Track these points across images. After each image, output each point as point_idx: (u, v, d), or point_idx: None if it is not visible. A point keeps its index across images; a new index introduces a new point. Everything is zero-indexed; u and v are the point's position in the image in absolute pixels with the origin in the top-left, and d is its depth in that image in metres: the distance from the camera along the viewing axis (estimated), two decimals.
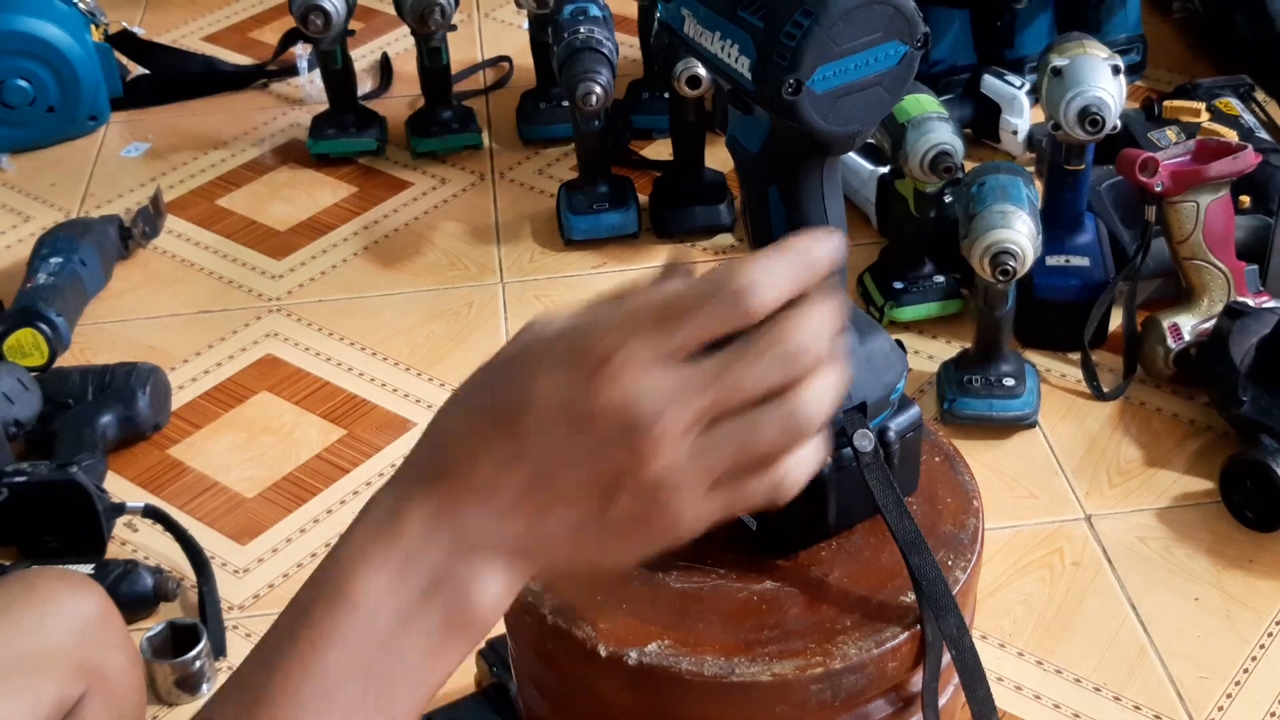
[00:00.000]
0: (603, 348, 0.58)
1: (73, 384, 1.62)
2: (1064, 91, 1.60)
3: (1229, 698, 1.33)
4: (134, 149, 2.18)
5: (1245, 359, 1.51)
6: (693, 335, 0.58)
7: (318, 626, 0.59)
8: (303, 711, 0.58)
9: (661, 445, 0.58)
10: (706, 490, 0.60)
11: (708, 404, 0.58)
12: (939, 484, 0.86)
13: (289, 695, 0.58)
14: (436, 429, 0.62)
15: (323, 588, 0.59)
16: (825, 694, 0.75)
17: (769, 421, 0.59)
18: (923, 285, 1.74)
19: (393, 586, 0.59)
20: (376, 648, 0.59)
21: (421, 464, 0.61)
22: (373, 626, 0.58)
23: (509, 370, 0.61)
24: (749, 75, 0.67)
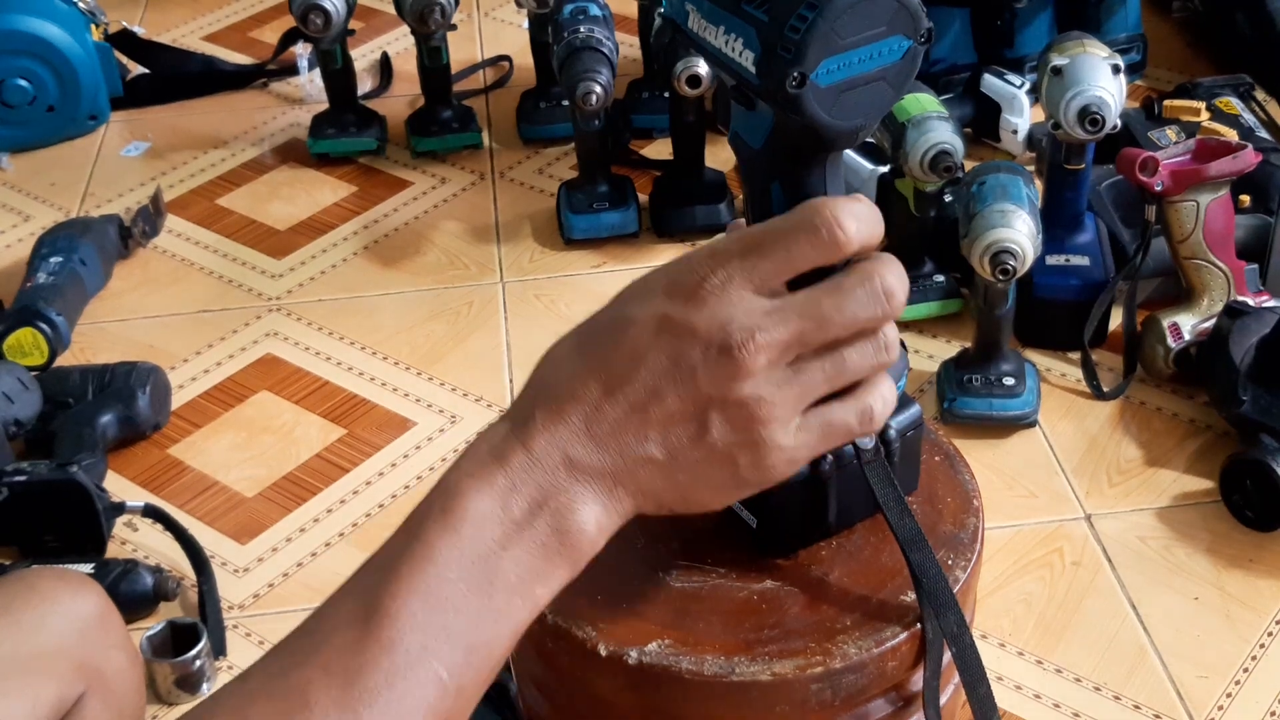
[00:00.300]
0: (697, 275, 0.62)
1: (73, 383, 1.62)
2: (1064, 91, 1.60)
3: (1229, 697, 1.33)
4: (134, 148, 2.18)
5: (1245, 358, 1.51)
6: (784, 264, 0.63)
7: (428, 540, 0.62)
8: (412, 617, 0.61)
9: (754, 365, 0.62)
10: (798, 423, 0.64)
11: (798, 331, 0.63)
12: (939, 483, 0.86)
13: (400, 600, 0.61)
14: (542, 367, 0.66)
15: (432, 506, 0.63)
16: (825, 693, 0.75)
17: (857, 354, 0.64)
18: (923, 284, 1.74)
19: (497, 506, 0.62)
20: (482, 561, 0.62)
21: (527, 400, 0.65)
22: (479, 540, 0.62)
23: (610, 309, 0.65)
24: (753, 69, 0.67)
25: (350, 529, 1.53)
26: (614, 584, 0.79)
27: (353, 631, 0.61)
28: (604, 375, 0.63)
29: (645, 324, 0.63)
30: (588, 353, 0.64)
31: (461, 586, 0.62)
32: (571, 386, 0.64)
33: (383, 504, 1.56)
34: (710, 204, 1.91)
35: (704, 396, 0.62)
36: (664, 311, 0.63)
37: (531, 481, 0.63)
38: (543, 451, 0.63)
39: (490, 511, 0.62)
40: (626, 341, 0.63)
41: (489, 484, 0.63)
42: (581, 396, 0.63)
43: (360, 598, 0.62)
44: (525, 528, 0.63)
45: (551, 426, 0.63)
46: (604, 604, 0.78)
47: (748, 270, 0.62)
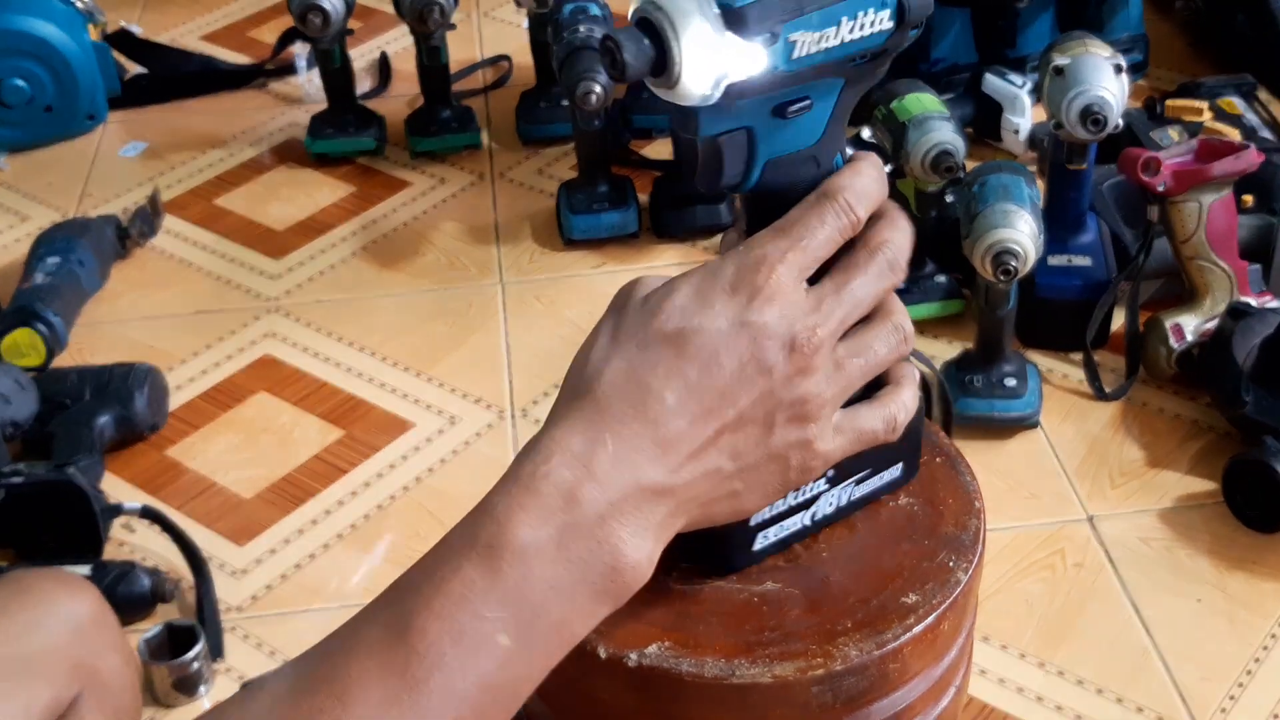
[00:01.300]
0: (759, 275, 0.63)
1: (70, 384, 1.62)
2: (1066, 91, 1.59)
3: (1232, 699, 1.32)
4: (132, 148, 2.18)
5: (1248, 359, 1.51)
6: (818, 255, 0.64)
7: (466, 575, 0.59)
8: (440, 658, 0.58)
9: (818, 361, 0.63)
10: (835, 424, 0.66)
11: (842, 318, 0.64)
12: (940, 484, 0.85)
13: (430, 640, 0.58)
14: (592, 374, 0.63)
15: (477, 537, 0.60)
16: (826, 696, 0.75)
17: (882, 345, 0.66)
18: (924, 285, 1.74)
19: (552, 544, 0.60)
20: (525, 602, 0.59)
21: (588, 421, 0.62)
22: (526, 581, 0.59)
23: (662, 310, 0.63)
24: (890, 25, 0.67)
25: (349, 530, 1.52)
26: None
27: (379, 664, 0.59)
28: (681, 389, 0.62)
29: (721, 331, 0.62)
30: (658, 367, 0.62)
31: (498, 626, 0.59)
32: (647, 404, 0.62)
33: (381, 505, 1.55)
34: (710, 204, 1.90)
35: (775, 397, 0.63)
36: (739, 316, 0.62)
37: (594, 515, 0.60)
38: (613, 481, 0.61)
39: (542, 550, 0.60)
40: (704, 350, 0.62)
41: (543, 517, 0.60)
42: (658, 416, 0.62)
43: (389, 629, 0.60)
44: (578, 567, 0.60)
45: (626, 453, 0.61)
46: None
47: (792, 265, 0.63)
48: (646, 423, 0.61)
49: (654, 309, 0.64)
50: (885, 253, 0.66)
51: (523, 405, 1.67)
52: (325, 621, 1.42)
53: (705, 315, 0.63)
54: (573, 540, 0.60)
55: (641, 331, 0.64)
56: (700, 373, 0.62)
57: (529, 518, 0.60)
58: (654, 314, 0.64)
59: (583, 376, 0.64)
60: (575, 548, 0.60)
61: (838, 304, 0.65)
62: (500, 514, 0.60)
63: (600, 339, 0.65)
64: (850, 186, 0.65)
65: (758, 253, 0.64)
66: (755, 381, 0.63)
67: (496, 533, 0.60)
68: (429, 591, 0.60)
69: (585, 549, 0.60)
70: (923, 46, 2.08)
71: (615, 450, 0.61)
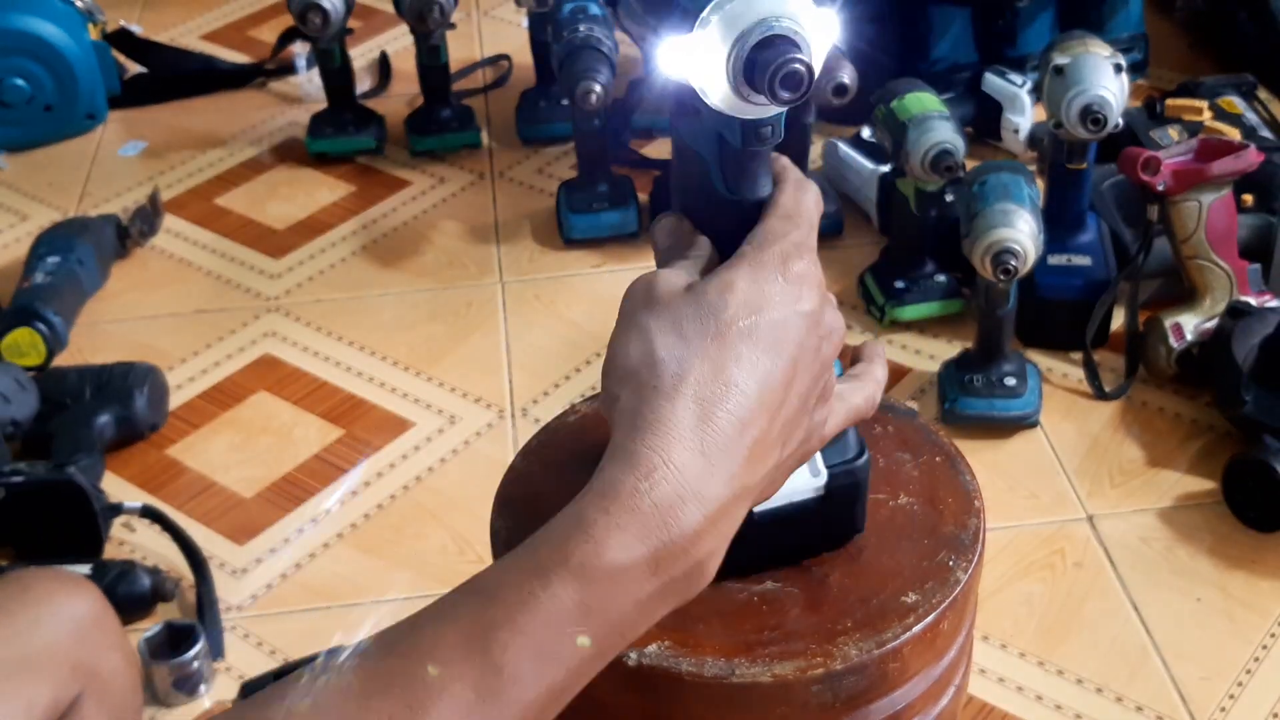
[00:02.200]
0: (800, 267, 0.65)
1: (70, 384, 1.62)
2: (1066, 90, 1.59)
3: (1231, 699, 1.32)
4: (131, 148, 2.18)
5: (1248, 359, 1.51)
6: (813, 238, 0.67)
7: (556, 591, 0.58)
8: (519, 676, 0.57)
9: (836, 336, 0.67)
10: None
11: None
12: (940, 484, 0.85)
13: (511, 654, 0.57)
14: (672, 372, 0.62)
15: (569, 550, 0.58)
16: (826, 695, 0.75)
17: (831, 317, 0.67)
18: (924, 284, 1.74)
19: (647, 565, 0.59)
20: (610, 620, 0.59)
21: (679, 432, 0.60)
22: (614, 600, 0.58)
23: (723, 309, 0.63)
24: None
25: (349, 530, 1.52)
26: None
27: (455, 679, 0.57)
28: (762, 382, 0.62)
29: (784, 321, 0.63)
30: (745, 362, 0.62)
31: (579, 642, 0.59)
32: (740, 405, 0.61)
33: (382, 505, 1.55)
34: None
35: (817, 380, 0.66)
36: (794, 305, 0.64)
37: (691, 532, 0.59)
38: (713, 494, 0.60)
39: (637, 569, 0.59)
40: (776, 341, 0.63)
41: (643, 538, 0.58)
42: (749, 415, 0.61)
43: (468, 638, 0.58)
44: (666, 583, 0.60)
45: (725, 461, 0.60)
46: None
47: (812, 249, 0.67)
48: (742, 425, 0.61)
49: (719, 303, 0.63)
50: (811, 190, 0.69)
51: (523, 404, 1.67)
52: (326, 620, 1.42)
53: (769, 307, 0.63)
54: (666, 559, 0.59)
55: (713, 325, 0.63)
56: (773, 364, 0.63)
57: (627, 539, 0.58)
58: (722, 308, 0.63)
59: (659, 377, 0.62)
60: (667, 566, 0.59)
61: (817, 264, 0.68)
62: (597, 532, 0.58)
63: (660, 335, 0.63)
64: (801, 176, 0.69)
65: (790, 241, 0.65)
66: (811, 367, 0.65)
67: (592, 552, 0.58)
68: (514, 604, 0.58)
69: (677, 567, 0.60)
70: (923, 46, 2.08)
71: (716, 460, 0.60)
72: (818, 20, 0.62)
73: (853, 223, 1.90)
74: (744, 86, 0.62)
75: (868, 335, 1.74)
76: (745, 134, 0.65)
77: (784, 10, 0.61)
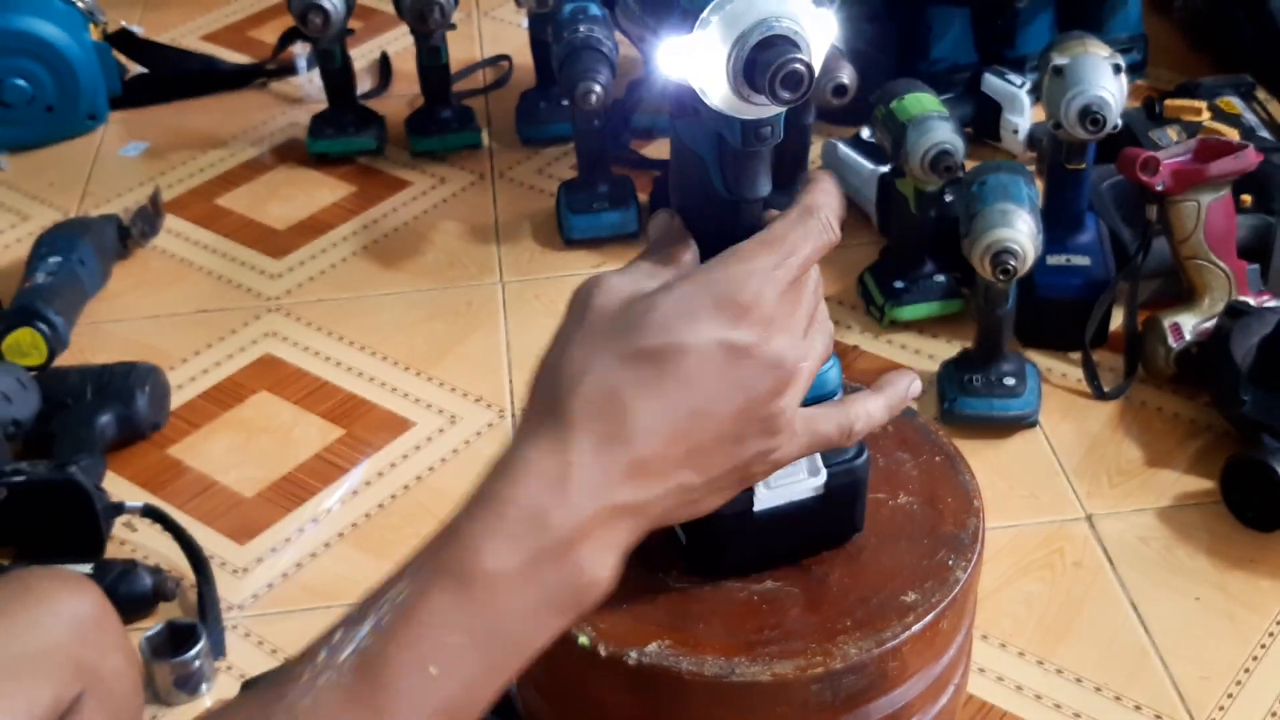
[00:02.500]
0: (747, 293, 0.62)
1: (71, 383, 1.62)
2: (1065, 90, 1.59)
3: (1230, 698, 1.32)
4: (132, 148, 2.18)
5: (1247, 359, 1.51)
6: (804, 269, 0.65)
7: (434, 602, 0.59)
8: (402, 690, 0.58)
9: (803, 378, 0.64)
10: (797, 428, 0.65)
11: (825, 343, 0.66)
12: (939, 484, 0.86)
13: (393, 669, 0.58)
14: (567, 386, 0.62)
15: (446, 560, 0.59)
16: (825, 694, 0.75)
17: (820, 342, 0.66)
18: (923, 285, 1.74)
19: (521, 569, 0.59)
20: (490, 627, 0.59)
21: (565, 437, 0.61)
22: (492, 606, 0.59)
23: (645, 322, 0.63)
24: None
25: (350, 529, 1.52)
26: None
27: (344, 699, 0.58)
28: (659, 410, 0.61)
29: (705, 351, 0.62)
30: (641, 385, 0.62)
31: (464, 651, 0.59)
32: (624, 424, 0.61)
33: (382, 504, 1.55)
34: None
35: (749, 414, 0.63)
36: (724, 337, 0.62)
37: (562, 539, 0.60)
38: (583, 504, 0.60)
39: (510, 575, 0.59)
40: (686, 370, 0.61)
41: (513, 545, 0.59)
42: (632, 436, 0.61)
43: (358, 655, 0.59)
44: (545, 589, 0.60)
45: (597, 475, 0.61)
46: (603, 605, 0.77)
47: (779, 283, 0.64)
48: (621, 443, 0.61)
49: (635, 321, 0.63)
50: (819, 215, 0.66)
51: (523, 404, 1.67)
52: (326, 620, 1.41)
53: (689, 332, 0.62)
54: (541, 564, 0.60)
55: (620, 343, 0.63)
56: (680, 393, 0.61)
57: (498, 545, 0.59)
58: (635, 327, 0.63)
59: (556, 387, 0.63)
60: (543, 571, 0.60)
61: (819, 332, 0.66)
62: (468, 540, 0.59)
63: (573, 348, 0.64)
64: (828, 205, 0.66)
65: (745, 266, 0.63)
66: (734, 401, 0.62)
67: (465, 559, 0.59)
68: (394, 618, 0.59)
69: (553, 572, 0.60)
70: (922, 46, 2.08)
71: (586, 473, 0.60)
72: (817, 20, 0.63)
73: (852, 223, 1.90)
74: (744, 86, 0.62)
75: (867, 335, 1.74)
76: (745, 134, 0.66)
77: (784, 10, 0.62)
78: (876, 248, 1.82)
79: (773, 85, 0.61)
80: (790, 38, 0.61)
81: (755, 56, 0.61)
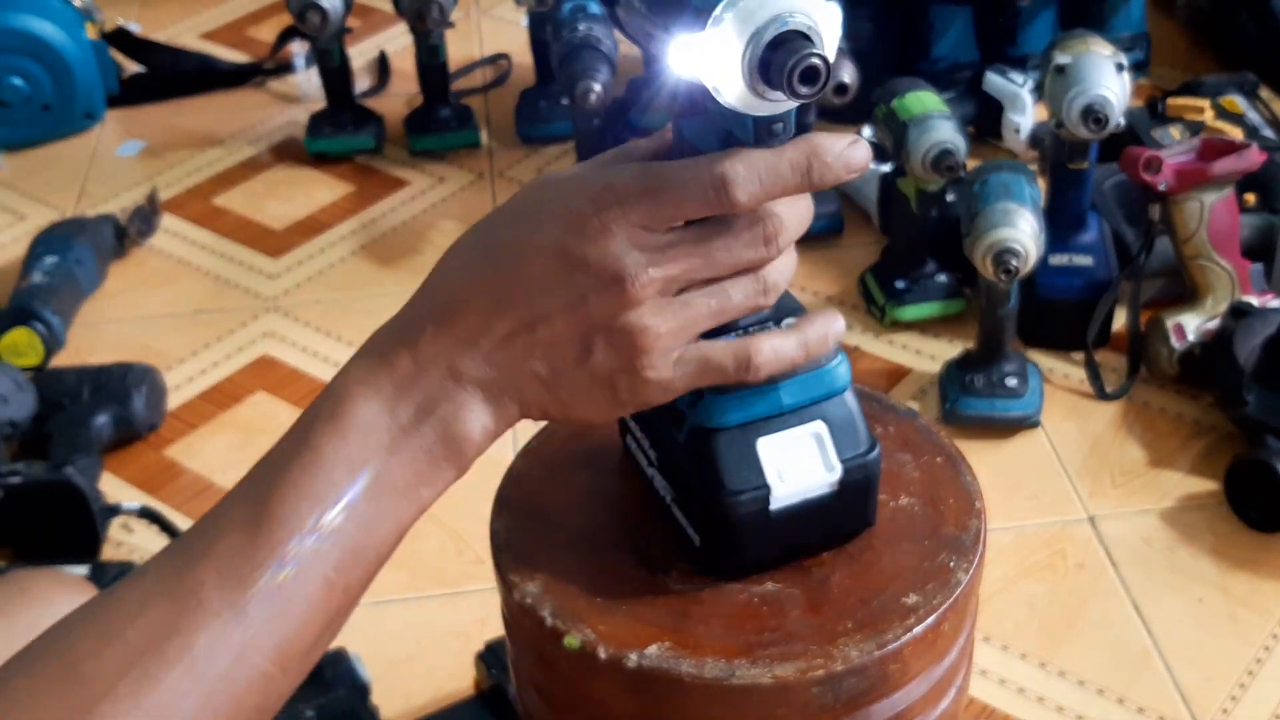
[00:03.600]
0: (595, 209, 0.65)
1: (68, 384, 1.61)
2: (1067, 89, 1.59)
3: (1234, 700, 1.32)
4: (130, 147, 2.18)
5: (1250, 359, 1.50)
6: (677, 213, 0.65)
7: (316, 445, 0.64)
8: (300, 521, 0.63)
9: (642, 297, 0.65)
10: (678, 355, 0.67)
11: (685, 268, 0.66)
12: (941, 485, 0.85)
13: (289, 506, 0.63)
14: (436, 274, 0.68)
15: (320, 411, 0.65)
16: (827, 697, 0.74)
17: (739, 293, 0.67)
18: (925, 284, 1.73)
19: (386, 410, 0.65)
20: (371, 464, 0.65)
21: (418, 306, 0.67)
22: (366, 446, 0.65)
23: (507, 223, 0.68)
24: None
25: None
26: (613, 587, 0.78)
27: (244, 534, 0.63)
28: (498, 294, 0.66)
29: (542, 250, 0.65)
30: (484, 269, 0.67)
31: (345, 491, 0.64)
32: (465, 300, 0.66)
33: None
34: None
35: (591, 323, 0.65)
36: (561, 243, 0.65)
37: (418, 389, 0.65)
38: (430, 361, 0.66)
39: (377, 418, 0.65)
40: (523, 265, 0.65)
41: (376, 390, 0.65)
42: (473, 311, 0.66)
43: (251, 502, 0.64)
44: (412, 434, 0.65)
45: (441, 337, 0.66)
46: (603, 607, 0.77)
47: (644, 212, 0.65)
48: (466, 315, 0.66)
49: (498, 212, 0.68)
50: (766, 226, 0.66)
51: None
52: None
53: (538, 231, 0.66)
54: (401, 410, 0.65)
55: (483, 231, 0.68)
56: (519, 287, 0.65)
57: (365, 390, 0.65)
58: (499, 219, 0.68)
59: (444, 259, 0.69)
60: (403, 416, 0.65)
61: (683, 252, 0.65)
62: (340, 390, 0.66)
63: (477, 225, 0.69)
64: (742, 175, 0.64)
65: (615, 191, 0.65)
66: (569, 307, 0.65)
67: (337, 407, 0.65)
68: (285, 464, 0.64)
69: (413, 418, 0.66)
70: (924, 44, 2.08)
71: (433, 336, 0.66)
72: (827, 14, 0.62)
73: (853, 222, 1.90)
74: (759, 83, 0.62)
75: (868, 335, 1.74)
76: (757, 130, 0.65)
77: (796, 5, 0.61)
78: (877, 247, 1.82)
79: (790, 81, 0.60)
80: (805, 33, 0.61)
81: (771, 53, 0.61)
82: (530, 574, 0.80)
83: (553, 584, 0.79)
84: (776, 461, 0.73)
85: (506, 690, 1.23)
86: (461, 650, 1.31)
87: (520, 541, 0.82)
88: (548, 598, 0.78)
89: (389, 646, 1.36)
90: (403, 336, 0.66)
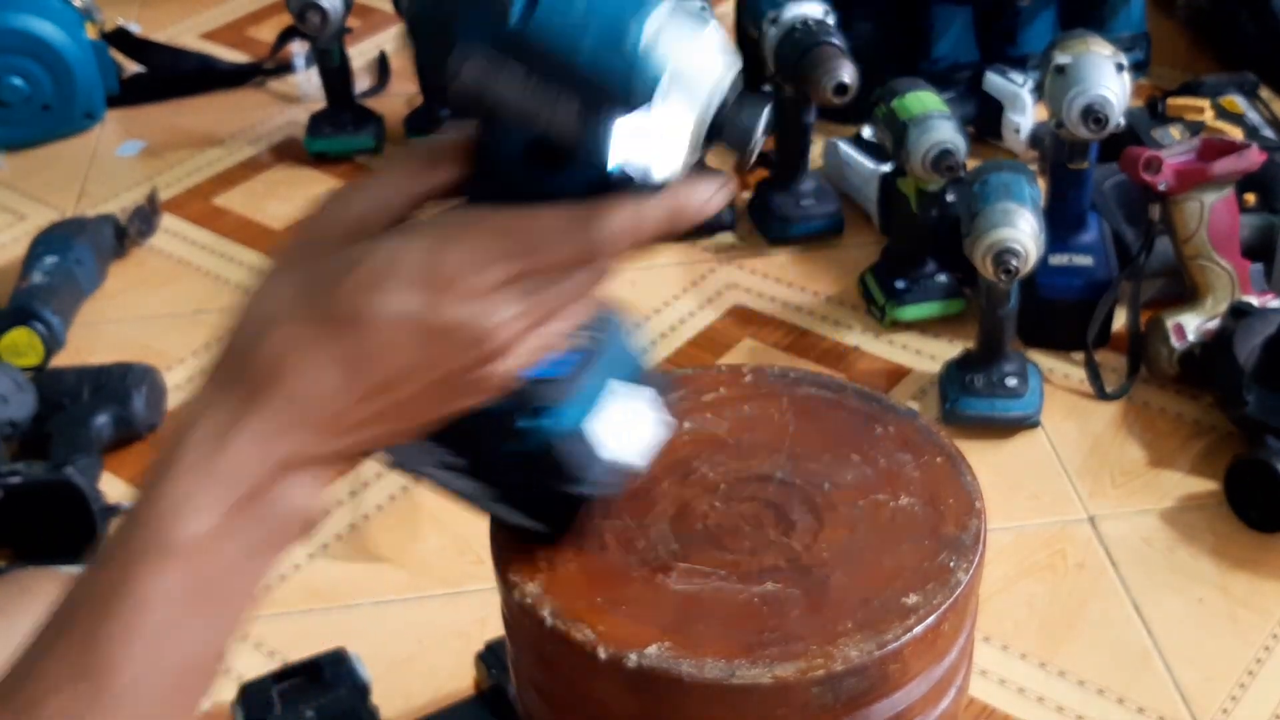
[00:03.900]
0: (452, 272, 0.60)
1: (68, 384, 1.61)
2: (1067, 89, 1.59)
3: (1234, 700, 1.31)
4: (130, 147, 2.17)
5: (1250, 359, 1.50)
6: (541, 268, 0.61)
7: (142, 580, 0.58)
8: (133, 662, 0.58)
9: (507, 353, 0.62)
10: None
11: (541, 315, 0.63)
12: (941, 485, 0.85)
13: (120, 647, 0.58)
14: (252, 337, 0.62)
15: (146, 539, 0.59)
16: (827, 696, 0.74)
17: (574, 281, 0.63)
18: (925, 284, 1.73)
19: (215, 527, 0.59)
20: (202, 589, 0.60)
21: (248, 387, 0.61)
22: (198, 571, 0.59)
23: (342, 282, 0.60)
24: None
25: (348, 530, 1.52)
26: (613, 587, 0.78)
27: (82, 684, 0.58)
28: (349, 353, 0.60)
29: (395, 325, 0.60)
30: (326, 343, 0.60)
31: (183, 618, 0.60)
32: (306, 379, 0.60)
33: (380, 505, 1.55)
34: None
35: (452, 380, 0.62)
36: (417, 315, 0.60)
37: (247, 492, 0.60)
38: (268, 452, 0.60)
39: (207, 536, 0.59)
40: (373, 339, 0.60)
41: (205, 505, 0.59)
42: (319, 392, 0.60)
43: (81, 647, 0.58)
44: (246, 537, 0.61)
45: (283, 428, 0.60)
46: (603, 607, 0.77)
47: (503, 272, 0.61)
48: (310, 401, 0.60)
49: (339, 275, 0.61)
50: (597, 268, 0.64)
51: None
52: (325, 621, 1.42)
53: (385, 301, 0.60)
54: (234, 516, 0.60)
55: (319, 297, 0.61)
56: (369, 362, 0.60)
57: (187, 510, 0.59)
58: (337, 283, 0.61)
59: (246, 333, 0.63)
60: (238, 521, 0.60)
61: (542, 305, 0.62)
62: (163, 511, 0.59)
63: (275, 286, 0.63)
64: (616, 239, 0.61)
65: (471, 244, 0.61)
66: (428, 374, 0.61)
67: (163, 531, 0.59)
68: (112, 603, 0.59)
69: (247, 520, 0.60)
70: (924, 44, 2.08)
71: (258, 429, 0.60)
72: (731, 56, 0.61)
73: (853, 222, 1.90)
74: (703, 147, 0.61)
75: (868, 335, 1.73)
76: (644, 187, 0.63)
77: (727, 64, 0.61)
78: (877, 247, 1.81)
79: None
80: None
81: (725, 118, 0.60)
82: (530, 574, 0.80)
83: (553, 584, 0.79)
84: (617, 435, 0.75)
85: (506, 690, 1.23)
86: (462, 650, 1.31)
87: (520, 541, 0.82)
88: (548, 598, 0.78)
89: (389, 646, 1.36)
90: (233, 425, 0.60)
